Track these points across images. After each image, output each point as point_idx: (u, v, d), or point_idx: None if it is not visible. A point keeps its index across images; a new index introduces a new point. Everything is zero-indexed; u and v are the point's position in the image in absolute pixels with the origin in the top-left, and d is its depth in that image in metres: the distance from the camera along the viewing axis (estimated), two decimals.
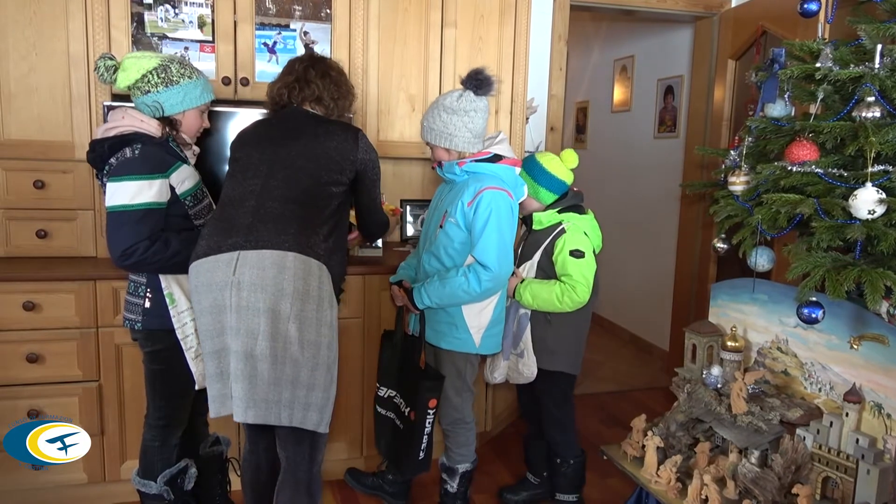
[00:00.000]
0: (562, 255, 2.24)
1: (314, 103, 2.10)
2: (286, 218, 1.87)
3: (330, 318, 1.87)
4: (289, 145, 1.99)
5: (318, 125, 2.05)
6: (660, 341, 4.48)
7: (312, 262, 1.83)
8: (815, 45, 2.08)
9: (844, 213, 1.81)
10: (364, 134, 2.09)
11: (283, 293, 1.78)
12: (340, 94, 2.13)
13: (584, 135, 5.58)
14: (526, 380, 2.34)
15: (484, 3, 2.91)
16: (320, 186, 1.96)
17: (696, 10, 3.75)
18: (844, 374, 1.99)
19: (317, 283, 1.83)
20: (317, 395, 1.85)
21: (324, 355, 1.85)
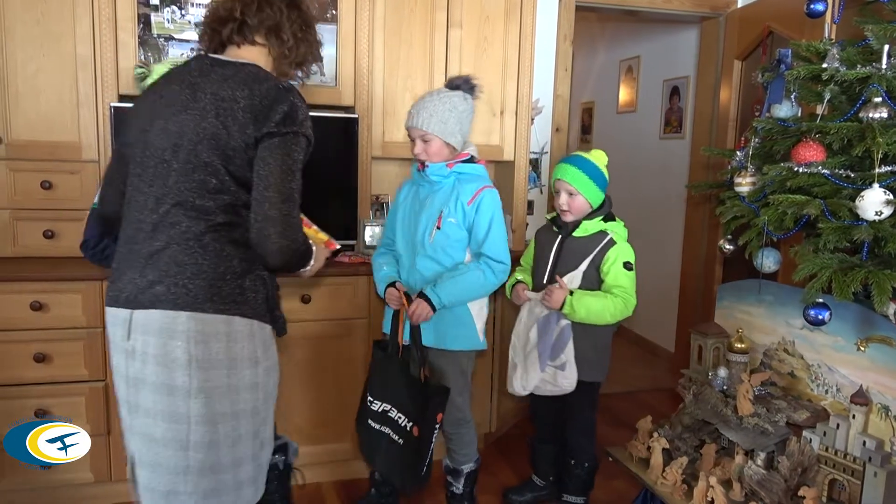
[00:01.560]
0: (615, 267, 2.16)
1: (269, 35, 1.57)
2: (182, 260, 1.45)
3: (251, 377, 1.51)
4: (184, 120, 1.48)
5: (226, 83, 1.48)
6: (666, 342, 4.47)
7: (215, 320, 1.44)
8: (821, 46, 2.08)
9: (851, 215, 1.80)
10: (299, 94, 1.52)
11: (176, 364, 1.43)
12: (305, 35, 1.61)
13: (589, 135, 5.57)
14: (563, 391, 2.22)
15: (489, 4, 2.92)
16: (232, 192, 1.47)
17: (702, 10, 3.74)
18: (851, 376, 1.98)
19: (223, 345, 1.45)
20: (246, 469, 1.54)
21: (246, 423, 1.51)
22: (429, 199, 2.20)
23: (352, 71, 2.75)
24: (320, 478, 2.67)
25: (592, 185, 2.20)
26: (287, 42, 1.57)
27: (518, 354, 2.28)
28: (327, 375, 2.59)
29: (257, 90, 1.47)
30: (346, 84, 2.75)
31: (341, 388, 2.62)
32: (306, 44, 1.61)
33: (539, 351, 2.19)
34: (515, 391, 2.27)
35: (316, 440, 2.58)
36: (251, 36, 1.57)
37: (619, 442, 2.55)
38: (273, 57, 1.60)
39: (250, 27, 1.55)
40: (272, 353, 1.59)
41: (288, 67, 1.61)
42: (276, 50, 1.58)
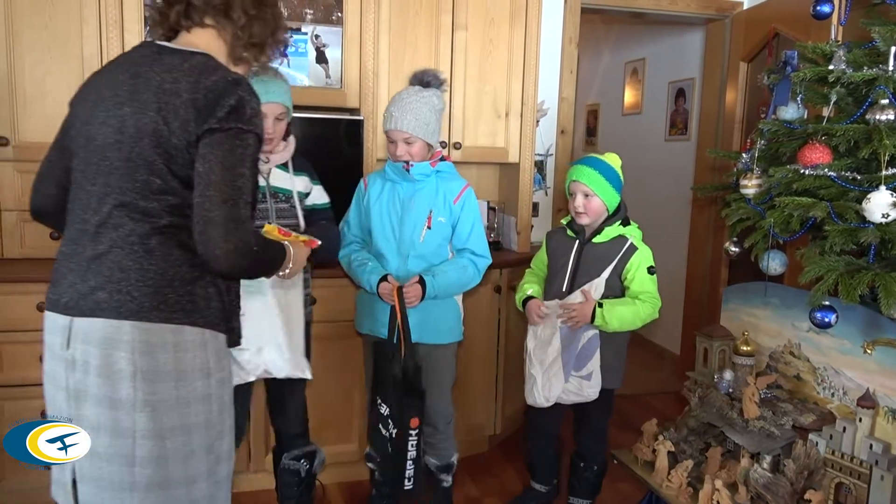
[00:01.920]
0: (640, 273, 2.14)
1: (220, 16, 1.45)
2: (124, 256, 1.35)
3: (203, 389, 1.41)
4: (125, 114, 1.37)
5: (171, 62, 1.37)
6: (671, 345, 4.46)
7: (163, 330, 1.35)
8: (828, 48, 2.07)
9: (858, 217, 1.79)
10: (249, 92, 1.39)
11: (119, 376, 1.34)
12: (260, 13, 1.47)
13: (594, 137, 5.57)
14: (587, 399, 2.19)
15: (494, 7, 2.92)
16: (177, 192, 1.37)
17: (707, 12, 3.74)
18: (858, 379, 1.97)
19: (171, 356, 1.36)
20: (201, 487, 1.44)
21: (199, 438, 1.42)
22: (413, 199, 2.19)
23: (357, 73, 2.76)
24: (325, 479, 2.67)
25: (609, 187, 2.16)
26: (238, 21, 1.44)
27: (536, 366, 2.20)
28: (332, 377, 2.59)
29: (203, 83, 1.34)
30: (351, 86, 2.76)
31: (346, 389, 2.63)
32: (261, 22, 1.47)
33: (563, 361, 2.13)
34: (538, 403, 2.20)
35: (321, 442, 2.57)
36: (199, 18, 1.44)
37: (624, 445, 2.54)
38: (225, 40, 1.47)
39: (196, 8, 1.43)
40: (226, 364, 1.49)
41: (243, 50, 1.49)
42: (227, 31, 1.46)
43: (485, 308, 2.82)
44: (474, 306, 2.75)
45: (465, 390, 2.88)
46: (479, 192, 3.28)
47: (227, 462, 1.51)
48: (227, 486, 1.52)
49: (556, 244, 2.29)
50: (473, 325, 2.79)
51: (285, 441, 2.27)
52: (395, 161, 2.19)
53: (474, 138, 2.97)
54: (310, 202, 2.24)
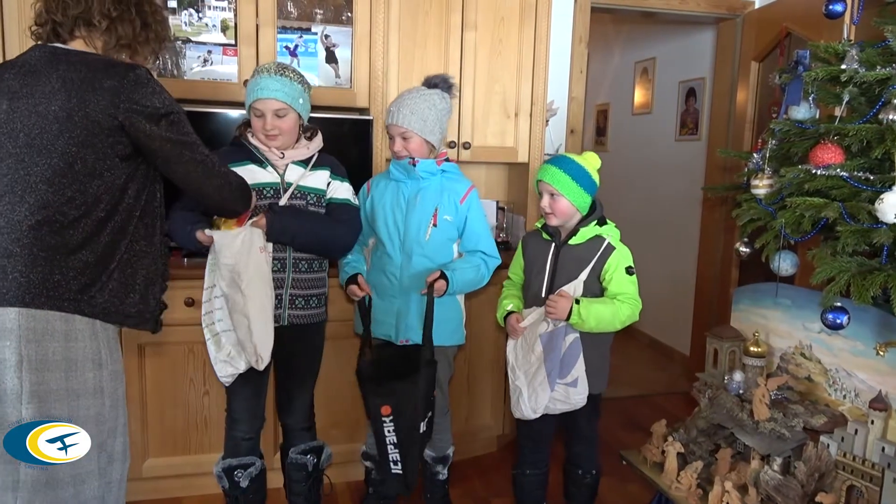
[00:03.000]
0: (617, 273, 2.06)
1: (83, 26, 1.46)
2: (16, 252, 1.33)
3: (94, 381, 1.39)
4: (20, 129, 1.38)
5: (74, 78, 1.38)
6: (681, 345, 4.44)
7: (52, 317, 1.33)
8: (840, 47, 2.06)
9: (870, 217, 1.78)
10: (146, 73, 1.44)
11: (4, 366, 1.31)
12: (122, 14, 1.46)
13: (604, 137, 5.55)
14: (574, 407, 2.11)
15: (504, 6, 2.92)
16: (74, 176, 1.36)
17: (718, 11, 3.72)
18: (870, 381, 1.96)
19: (61, 344, 1.34)
20: (91, 487, 1.40)
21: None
22: (418, 197, 2.20)
23: (367, 73, 2.76)
24: (333, 478, 2.67)
25: (575, 187, 2.05)
26: (100, 26, 1.45)
27: (520, 377, 2.13)
28: (339, 376, 2.60)
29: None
30: (360, 86, 2.77)
31: (353, 388, 2.63)
32: (125, 23, 1.47)
33: (547, 370, 2.07)
34: (525, 416, 2.12)
35: (331, 440, 2.58)
36: (66, 33, 1.47)
37: (633, 445, 2.53)
38: (95, 46, 1.48)
39: (62, 24, 1.46)
40: (118, 357, 1.47)
41: (115, 53, 1.48)
42: (95, 37, 1.47)
43: (492, 308, 2.81)
44: (482, 306, 2.75)
45: (473, 391, 2.88)
46: (488, 191, 3.29)
47: (122, 463, 1.48)
48: (119, 489, 1.47)
49: (532, 248, 2.21)
50: (481, 326, 2.79)
51: (292, 435, 2.29)
52: (397, 159, 2.22)
53: (483, 138, 2.97)
54: (328, 196, 2.23)
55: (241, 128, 2.14)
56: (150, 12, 1.52)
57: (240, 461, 2.17)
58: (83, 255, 1.37)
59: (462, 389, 2.80)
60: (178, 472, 2.55)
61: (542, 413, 2.11)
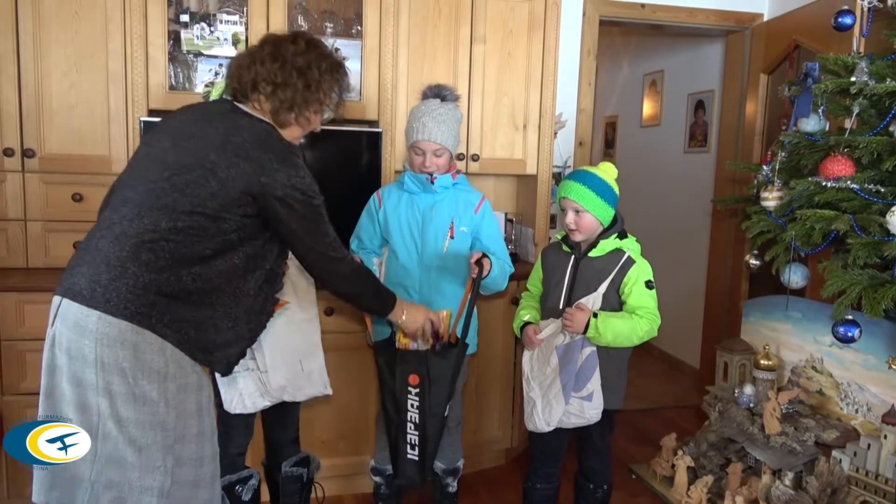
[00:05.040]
0: (637, 287, 2.03)
1: (254, 91, 1.64)
2: (113, 261, 1.47)
3: (159, 392, 1.48)
4: (171, 160, 1.55)
5: (235, 140, 1.54)
6: (691, 358, 4.41)
7: (125, 327, 1.44)
8: (850, 59, 2.06)
9: (881, 230, 1.77)
10: (296, 158, 1.59)
11: (85, 361, 1.45)
12: (284, 79, 1.62)
13: (612, 149, 5.55)
14: (589, 422, 2.08)
15: (513, 19, 2.93)
16: (192, 215, 1.50)
17: (727, 24, 3.72)
18: (882, 395, 1.94)
19: (130, 353, 1.45)
20: (156, 479, 1.50)
21: (154, 435, 1.49)
22: (435, 209, 2.21)
23: (376, 86, 2.78)
24: (341, 490, 2.67)
25: (600, 202, 2.03)
26: (264, 91, 1.61)
27: (534, 389, 2.11)
28: (349, 387, 2.59)
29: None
30: (370, 99, 2.78)
31: (362, 401, 2.63)
32: (288, 88, 1.62)
33: (562, 382, 2.04)
34: (538, 428, 2.09)
35: (337, 452, 2.58)
36: (242, 97, 1.64)
37: (642, 459, 2.52)
38: (265, 110, 1.64)
39: (239, 89, 1.64)
40: (188, 371, 1.54)
41: (284, 114, 1.64)
42: (264, 102, 1.63)
43: (501, 320, 2.81)
44: (491, 319, 2.74)
45: (482, 403, 2.87)
46: (497, 203, 3.29)
47: (194, 468, 1.57)
48: (192, 490, 1.57)
49: (552, 260, 2.20)
50: (490, 338, 2.78)
51: (282, 449, 2.27)
52: (419, 172, 2.20)
53: (492, 150, 2.98)
54: None
55: None
56: (320, 74, 1.65)
57: (239, 476, 2.15)
58: (168, 277, 1.48)
59: (471, 401, 2.79)
60: None
61: (556, 426, 2.08)
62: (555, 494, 2.32)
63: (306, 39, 1.69)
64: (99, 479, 1.49)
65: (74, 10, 2.49)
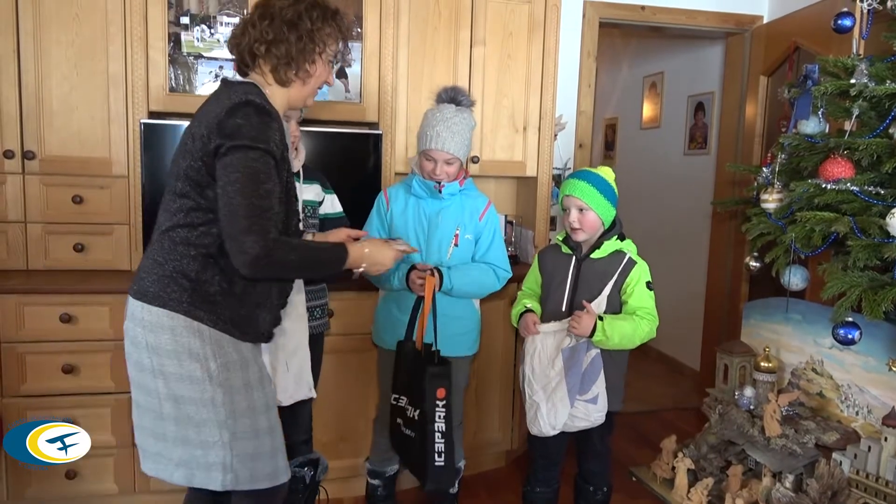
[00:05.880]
0: (638, 288, 2.05)
1: (251, 57, 1.60)
2: (149, 254, 1.61)
3: (202, 371, 1.55)
4: (177, 152, 1.62)
5: (210, 111, 1.54)
6: (691, 361, 4.41)
7: (160, 313, 1.54)
8: (849, 62, 2.06)
9: (881, 232, 1.77)
10: (254, 99, 1.51)
11: (140, 346, 1.57)
12: (276, 35, 1.56)
13: (612, 151, 5.55)
14: (591, 425, 2.08)
15: (513, 21, 2.93)
16: (193, 193, 1.54)
17: (727, 26, 3.73)
18: (883, 397, 1.94)
19: (169, 337, 1.54)
20: (216, 453, 1.58)
21: (207, 412, 1.56)
22: (441, 216, 2.21)
23: (376, 88, 2.78)
24: (342, 493, 2.66)
25: (604, 200, 2.05)
26: (259, 52, 1.57)
27: (538, 392, 2.09)
28: (350, 390, 2.59)
29: (222, 104, 1.52)
30: (370, 101, 2.79)
31: (362, 402, 2.63)
32: (280, 44, 1.56)
33: (568, 385, 2.03)
34: (543, 432, 2.08)
35: (337, 454, 2.58)
36: (245, 67, 1.63)
37: (642, 461, 2.52)
38: (265, 72, 1.61)
39: (240, 59, 1.62)
40: (229, 351, 1.58)
41: (284, 72, 1.59)
42: (263, 65, 1.60)
43: (502, 323, 2.81)
44: (491, 321, 2.74)
45: (482, 405, 2.86)
46: (497, 205, 3.28)
47: (252, 440, 1.62)
48: (252, 461, 1.62)
49: (551, 262, 2.18)
50: (490, 340, 2.78)
51: (291, 448, 2.27)
52: (428, 179, 2.20)
53: (492, 152, 2.98)
54: (323, 211, 2.29)
55: None
56: (312, 23, 1.58)
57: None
58: (188, 262, 1.55)
59: (471, 403, 2.79)
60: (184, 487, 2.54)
61: (561, 430, 2.08)
62: (554, 497, 2.32)
63: None
64: (171, 457, 1.60)
65: (75, 11, 2.50)
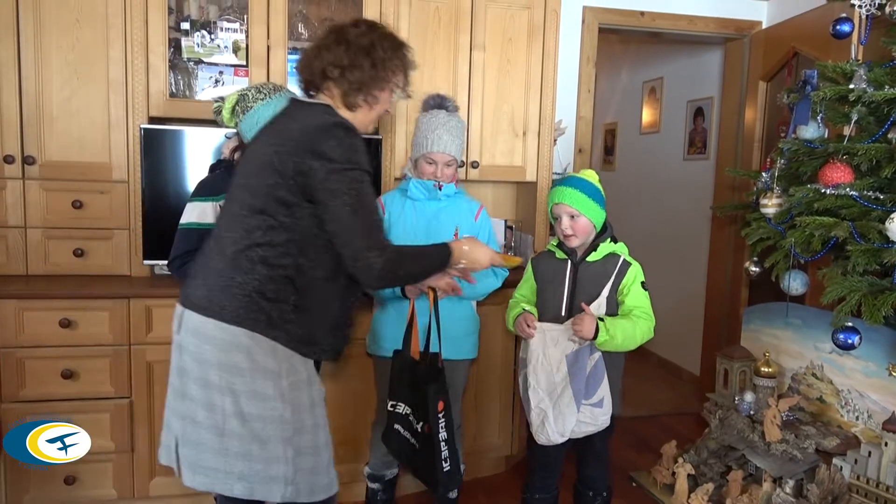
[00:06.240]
0: (634, 287, 2.05)
1: (325, 79, 1.67)
2: (218, 266, 1.60)
3: (274, 389, 1.59)
4: (241, 164, 1.68)
5: (290, 130, 1.60)
6: (690, 365, 4.41)
7: (238, 332, 1.56)
8: (848, 67, 2.06)
9: (881, 237, 1.77)
10: (341, 121, 1.60)
11: (208, 363, 1.57)
12: (351, 60, 1.64)
13: (612, 156, 5.56)
14: (597, 429, 2.07)
15: (512, 26, 2.94)
16: (262, 213, 1.57)
17: (726, 31, 3.74)
18: (883, 402, 1.93)
19: (244, 356, 1.56)
20: (278, 468, 1.62)
21: (274, 429, 1.60)
22: (439, 217, 2.26)
23: None
24: (342, 497, 2.59)
25: (593, 204, 2.05)
26: (333, 76, 1.65)
27: (544, 400, 2.06)
28: (346, 395, 2.59)
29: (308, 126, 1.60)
30: None
31: (363, 407, 2.62)
32: (355, 70, 1.65)
33: (574, 390, 2.02)
34: (552, 440, 2.05)
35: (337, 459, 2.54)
36: (314, 89, 1.70)
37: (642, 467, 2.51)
38: (334, 95, 1.68)
39: (310, 80, 1.69)
40: (300, 369, 1.65)
41: (353, 97, 1.67)
42: (333, 88, 1.67)
43: (500, 328, 2.80)
44: (490, 326, 2.74)
45: (481, 411, 2.86)
46: (497, 210, 3.29)
47: (313, 456, 1.68)
48: (311, 476, 1.67)
49: (546, 268, 2.17)
50: (489, 346, 2.78)
51: None
52: (427, 180, 2.26)
53: (492, 157, 2.98)
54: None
55: (234, 152, 2.14)
56: (384, 52, 1.68)
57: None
58: (268, 283, 1.57)
59: (470, 408, 2.79)
60: (186, 492, 2.52)
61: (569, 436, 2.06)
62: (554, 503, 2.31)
63: (367, 22, 1.73)
64: (232, 471, 1.60)
65: (75, 17, 2.50)
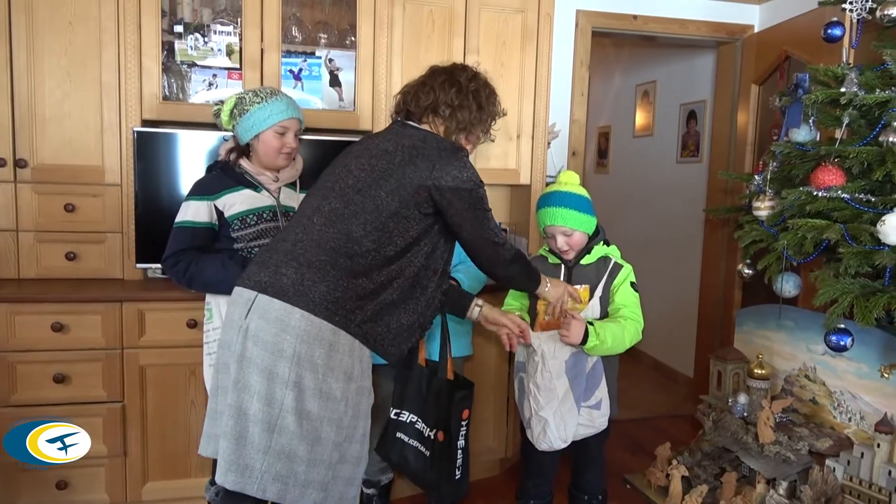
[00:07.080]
0: (624, 286, 2.05)
1: (431, 114, 1.80)
2: (315, 265, 1.63)
3: (342, 390, 1.62)
4: (353, 171, 1.73)
5: (406, 145, 1.72)
6: (684, 367, 4.42)
7: (325, 327, 1.59)
8: (840, 70, 2.08)
9: (872, 239, 1.78)
10: (464, 154, 1.74)
11: (281, 354, 1.58)
12: (461, 101, 1.79)
13: (606, 159, 5.58)
14: (596, 431, 2.08)
15: (506, 30, 2.95)
16: (378, 216, 1.66)
17: (718, 35, 3.75)
18: (875, 404, 1.94)
19: (325, 352, 1.59)
20: (318, 472, 1.62)
21: (328, 431, 1.62)
22: None
23: (370, 96, 2.79)
24: None
25: (585, 217, 2.05)
26: (443, 114, 1.78)
27: (544, 408, 2.02)
28: None
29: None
30: (364, 109, 2.79)
31: None
32: (464, 110, 1.79)
33: (574, 395, 2.01)
34: (554, 447, 2.03)
35: None
36: (415, 120, 1.81)
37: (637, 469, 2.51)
38: (438, 129, 1.80)
39: (414, 113, 1.81)
40: (368, 374, 1.70)
41: (456, 135, 1.80)
42: (439, 125, 1.80)
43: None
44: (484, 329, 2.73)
45: (476, 413, 2.85)
46: None
47: (353, 466, 1.70)
48: (346, 485, 1.68)
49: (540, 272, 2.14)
50: (483, 348, 2.78)
51: None
52: None
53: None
54: None
55: (230, 154, 2.13)
56: (486, 98, 1.84)
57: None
58: (363, 282, 1.63)
59: None
60: (179, 496, 2.52)
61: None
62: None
63: (469, 68, 1.88)
64: (269, 471, 1.58)
65: (68, 20, 2.49)
